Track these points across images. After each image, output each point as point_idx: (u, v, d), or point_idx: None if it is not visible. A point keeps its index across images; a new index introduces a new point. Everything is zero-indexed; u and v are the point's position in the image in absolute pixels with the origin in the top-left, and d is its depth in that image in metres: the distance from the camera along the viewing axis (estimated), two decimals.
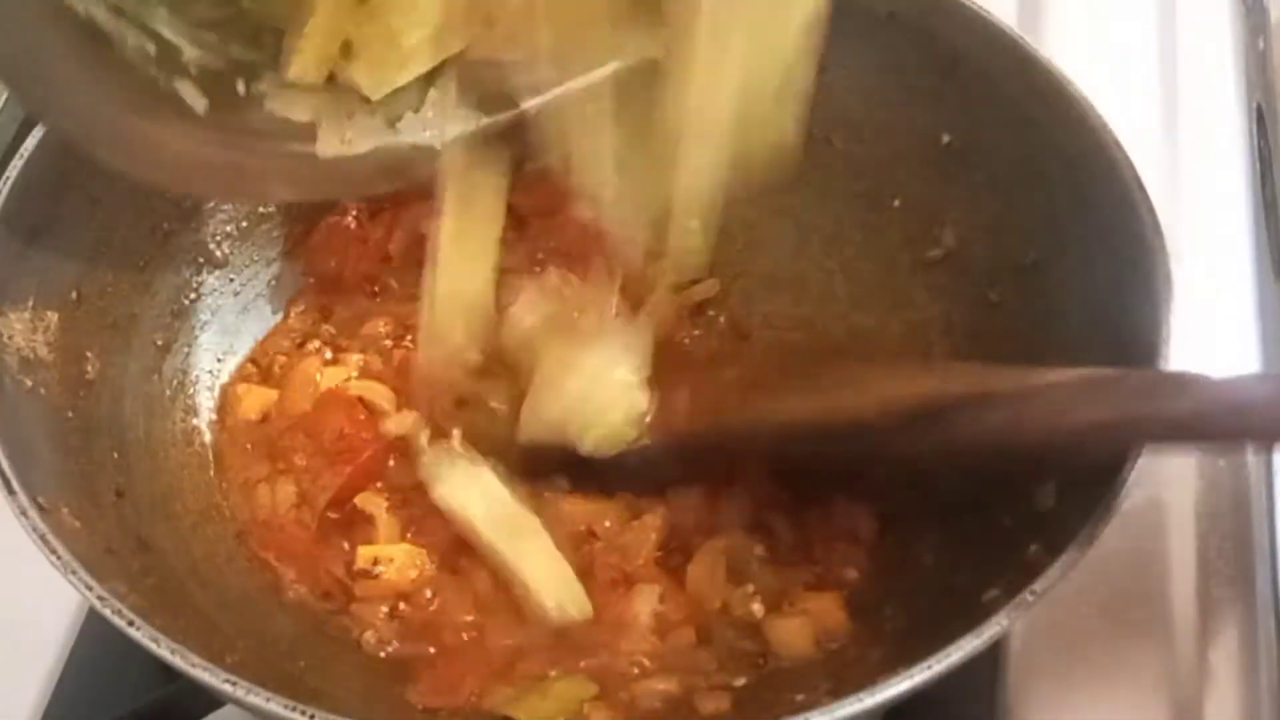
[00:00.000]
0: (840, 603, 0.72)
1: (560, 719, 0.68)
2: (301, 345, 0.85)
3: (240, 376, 0.84)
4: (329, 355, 0.84)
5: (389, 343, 0.84)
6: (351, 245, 0.82)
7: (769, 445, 0.70)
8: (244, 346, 0.85)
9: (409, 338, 0.83)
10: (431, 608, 0.74)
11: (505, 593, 0.73)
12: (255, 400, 0.82)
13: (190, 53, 0.60)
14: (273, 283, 0.86)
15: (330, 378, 0.82)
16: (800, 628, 0.71)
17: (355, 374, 0.82)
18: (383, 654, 0.73)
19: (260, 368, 0.84)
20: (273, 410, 0.82)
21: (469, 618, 0.73)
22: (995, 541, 0.70)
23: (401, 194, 0.80)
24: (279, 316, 0.86)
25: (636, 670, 0.70)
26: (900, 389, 0.65)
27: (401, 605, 0.74)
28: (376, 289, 0.86)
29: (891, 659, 0.58)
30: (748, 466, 0.73)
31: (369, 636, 0.73)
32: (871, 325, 0.85)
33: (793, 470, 0.71)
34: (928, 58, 0.81)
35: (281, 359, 0.84)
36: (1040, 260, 0.77)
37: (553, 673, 0.70)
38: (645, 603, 0.72)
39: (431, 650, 0.72)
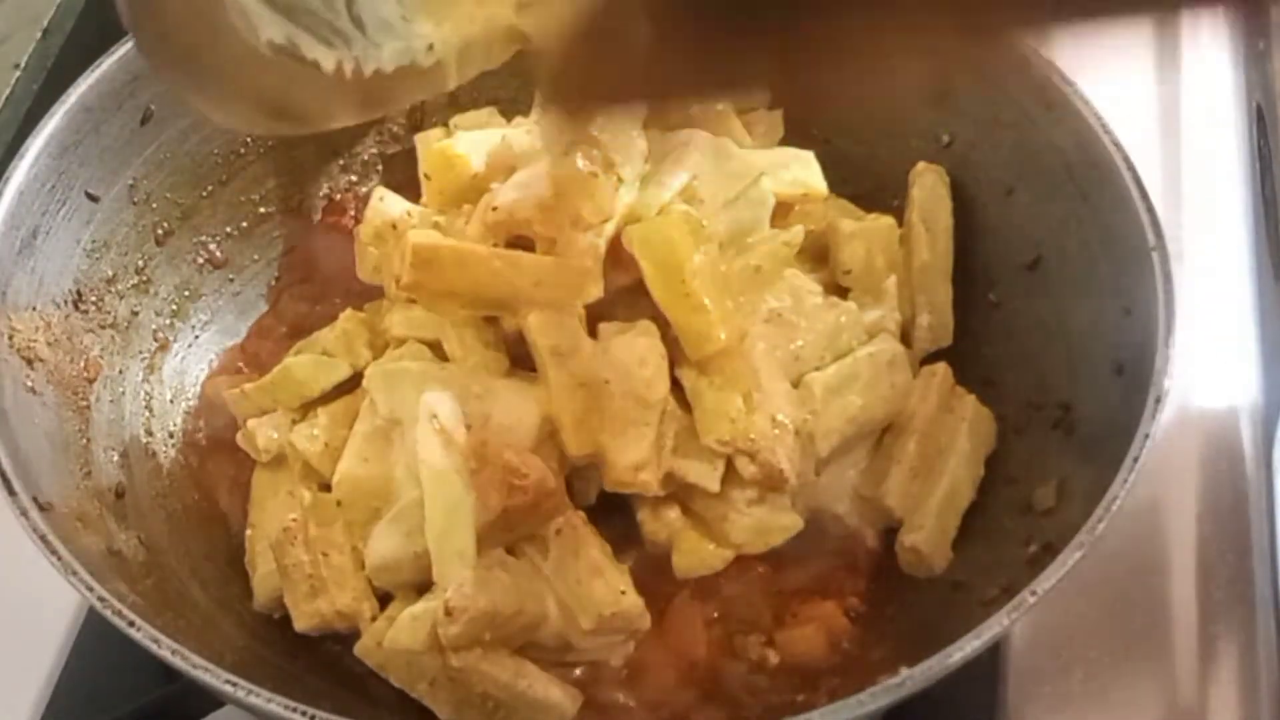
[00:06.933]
0: (841, 609, 0.72)
1: None
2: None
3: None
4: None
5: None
6: (350, 245, 0.81)
7: None
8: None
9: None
10: None
11: None
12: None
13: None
14: (272, 283, 0.86)
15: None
16: (814, 634, 0.71)
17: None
18: None
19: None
20: None
21: None
22: (995, 541, 0.70)
23: None
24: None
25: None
26: None
27: None
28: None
29: (891, 659, 0.58)
30: None
31: None
32: None
33: None
34: None
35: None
36: (1040, 260, 0.77)
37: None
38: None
39: None
